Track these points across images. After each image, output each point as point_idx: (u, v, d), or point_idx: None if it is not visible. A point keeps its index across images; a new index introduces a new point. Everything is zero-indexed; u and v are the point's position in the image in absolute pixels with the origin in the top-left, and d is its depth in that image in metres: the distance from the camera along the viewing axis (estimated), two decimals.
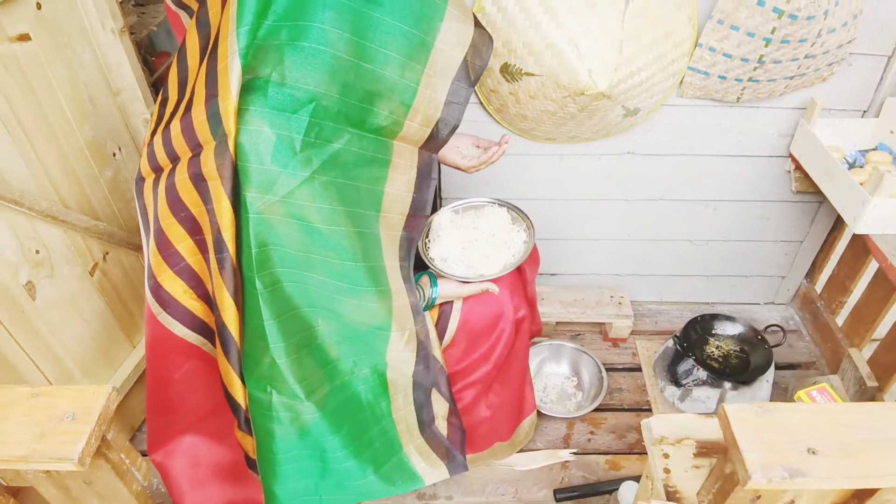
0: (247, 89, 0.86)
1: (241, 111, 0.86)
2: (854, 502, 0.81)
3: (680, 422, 0.96)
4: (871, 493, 0.77)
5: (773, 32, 1.27)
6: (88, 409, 0.67)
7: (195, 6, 1.07)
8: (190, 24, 1.02)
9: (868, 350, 1.65)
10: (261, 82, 0.86)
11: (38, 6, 1.17)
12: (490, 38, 1.09)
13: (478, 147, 1.25)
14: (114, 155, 1.41)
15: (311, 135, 0.91)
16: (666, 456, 0.93)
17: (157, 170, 1.02)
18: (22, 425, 0.66)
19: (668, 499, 0.89)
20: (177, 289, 1.03)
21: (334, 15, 0.88)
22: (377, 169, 1.04)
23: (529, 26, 1.26)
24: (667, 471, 0.91)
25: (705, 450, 0.90)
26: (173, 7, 1.15)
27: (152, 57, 1.91)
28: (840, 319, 1.76)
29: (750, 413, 0.73)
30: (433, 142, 1.10)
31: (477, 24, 1.05)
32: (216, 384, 1.08)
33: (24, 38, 1.14)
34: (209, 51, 0.92)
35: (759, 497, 0.75)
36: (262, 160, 0.88)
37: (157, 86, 1.67)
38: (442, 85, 1.03)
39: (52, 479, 0.71)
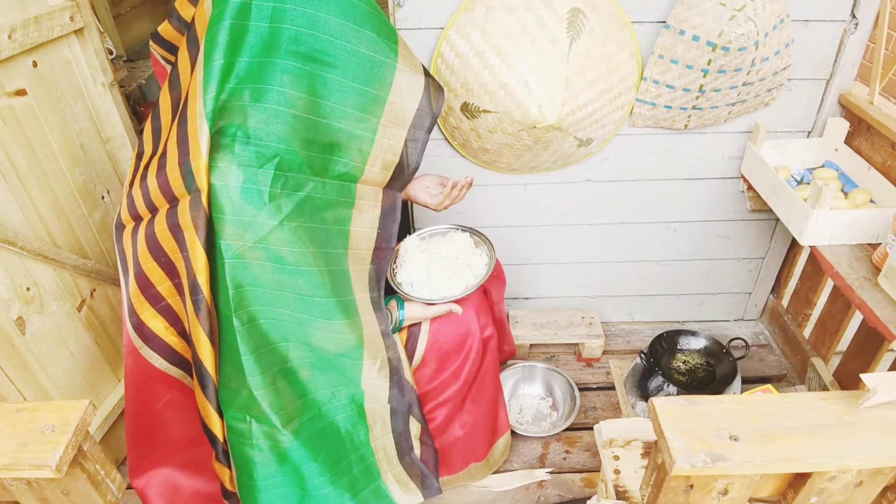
0: (216, 148, 0.96)
1: (212, 168, 0.95)
2: (789, 492, 0.86)
3: (628, 425, 1.02)
4: (803, 481, 0.82)
5: (709, 64, 1.38)
6: (67, 421, 0.74)
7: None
8: (163, 85, 1.13)
9: (836, 360, 1.70)
10: (228, 141, 0.96)
11: (35, 64, 1.28)
12: (441, 87, 1.20)
13: (444, 186, 1.33)
14: (102, 198, 1.50)
15: (278, 185, 1.00)
16: (616, 458, 0.99)
17: (137, 218, 1.11)
18: (6, 437, 0.72)
19: (619, 498, 0.94)
20: (158, 325, 1.11)
21: (292, 78, 0.98)
22: (342, 211, 1.13)
23: (484, 68, 1.38)
24: (617, 472, 0.97)
25: (651, 449, 0.95)
26: (161, 62, 1.27)
27: (141, 107, 2.04)
28: (807, 332, 1.82)
29: (675, 405, 0.79)
30: (395, 182, 1.20)
31: (427, 74, 1.16)
32: (195, 415, 1.14)
33: (21, 93, 1.25)
34: (179, 111, 1.02)
35: (692, 486, 0.80)
36: (234, 210, 0.97)
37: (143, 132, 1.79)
38: (398, 133, 1.14)
39: (33, 489, 0.77)
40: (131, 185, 1.13)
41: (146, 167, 1.09)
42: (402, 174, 1.19)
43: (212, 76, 0.94)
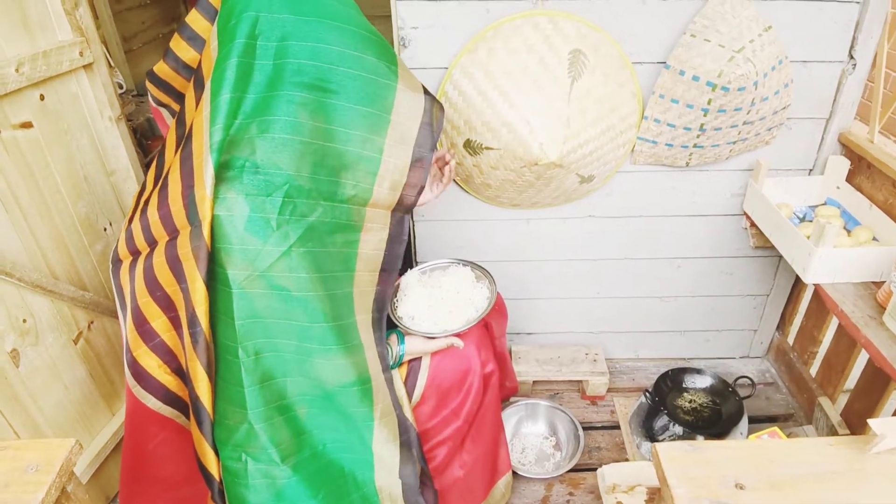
0: (222, 178, 0.96)
1: (218, 199, 0.96)
2: None
3: (632, 469, 0.99)
4: None
5: (709, 103, 1.40)
6: (51, 461, 0.72)
7: (176, 107, 1.21)
8: (172, 123, 1.15)
9: (843, 399, 1.67)
10: (235, 172, 0.97)
11: (42, 98, 1.30)
12: (440, 104, 1.20)
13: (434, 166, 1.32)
14: (105, 230, 1.50)
15: (286, 212, 1.00)
16: None
17: (135, 253, 1.11)
18: None
19: None
20: (151, 364, 1.09)
21: (297, 107, 0.99)
22: (350, 234, 1.13)
23: (487, 107, 1.39)
24: None
25: (656, 495, 0.92)
26: (154, 104, 1.29)
27: (148, 141, 2.07)
28: (813, 370, 1.79)
29: (680, 450, 0.77)
30: (403, 204, 1.20)
31: (427, 92, 1.16)
32: (189, 454, 1.11)
33: (27, 125, 1.26)
34: (182, 146, 1.03)
35: None
36: (241, 241, 0.97)
37: (150, 166, 1.80)
38: (404, 152, 1.14)
39: None
40: (130, 220, 1.13)
41: (146, 202, 1.10)
42: (408, 195, 1.19)
43: (219, 111, 0.95)
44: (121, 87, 1.63)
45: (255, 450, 1.04)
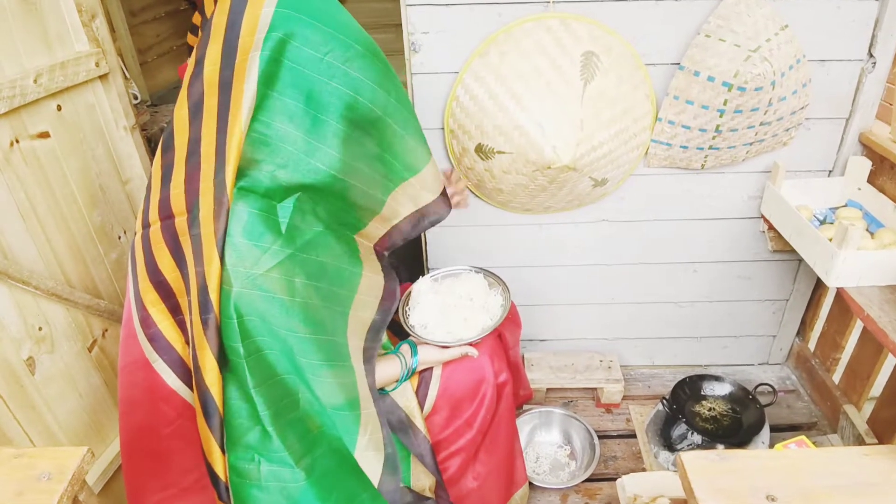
0: (243, 176, 0.97)
1: (239, 192, 0.96)
2: None
3: (654, 479, 0.97)
4: None
5: (725, 104, 1.37)
6: (63, 469, 0.71)
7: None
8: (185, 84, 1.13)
9: (869, 407, 1.62)
10: (258, 167, 0.97)
11: (59, 108, 1.31)
12: (448, 208, 1.29)
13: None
14: (119, 238, 1.51)
15: (296, 219, 1.00)
16: None
17: (147, 225, 1.08)
18: (2, 483, 0.70)
19: None
20: (176, 337, 1.04)
21: (339, 141, 1.02)
22: (354, 257, 1.14)
23: (498, 111, 1.38)
24: None
25: None
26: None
27: None
28: (836, 377, 1.75)
29: (707, 460, 0.74)
30: (384, 240, 1.23)
31: (443, 192, 1.25)
32: (178, 461, 1.08)
33: (44, 135, 1.28)
34: (219, 117, 1.01)
35: None
36: (250, 235, 0.96)
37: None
38: (407, 205, 1.20)
39: None
40: (146, 203, 1.11)
41: (165, 179, 1.07)
42: (392, 238, 1.23)
43: (274, 110, 0.97)
44: (136, 97, 1.64)
45: (269, 452, 1.01)
